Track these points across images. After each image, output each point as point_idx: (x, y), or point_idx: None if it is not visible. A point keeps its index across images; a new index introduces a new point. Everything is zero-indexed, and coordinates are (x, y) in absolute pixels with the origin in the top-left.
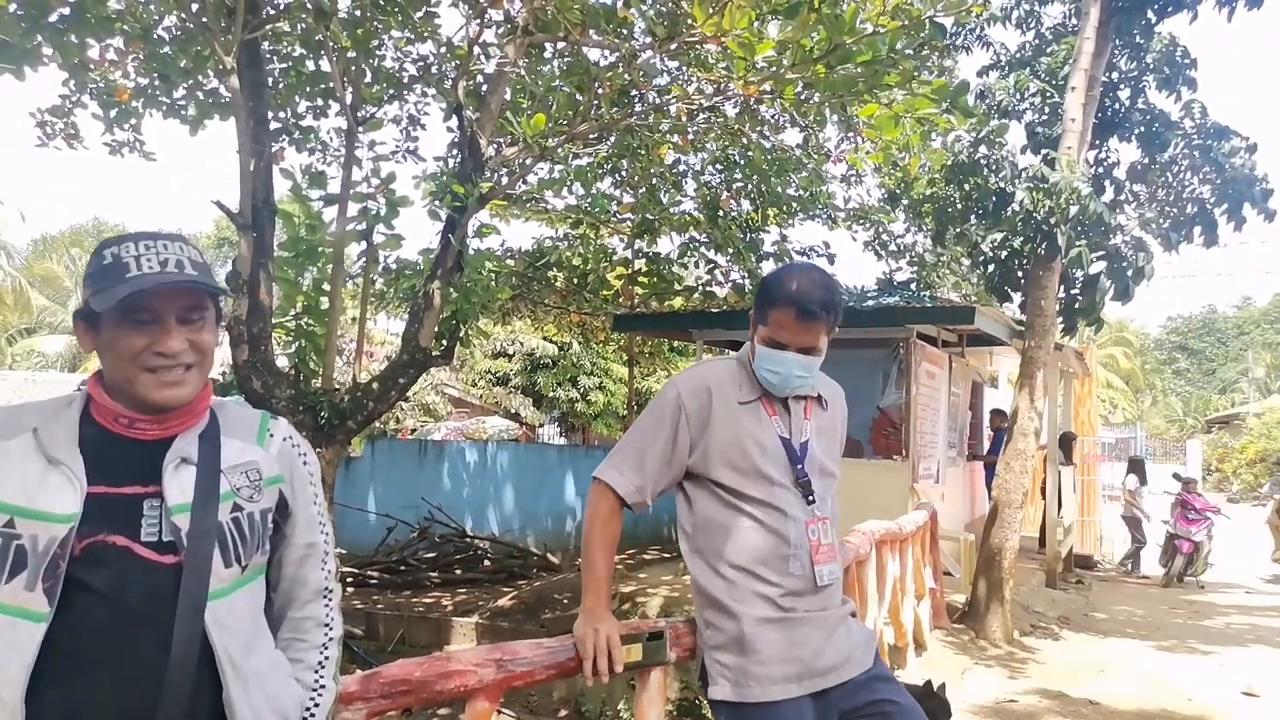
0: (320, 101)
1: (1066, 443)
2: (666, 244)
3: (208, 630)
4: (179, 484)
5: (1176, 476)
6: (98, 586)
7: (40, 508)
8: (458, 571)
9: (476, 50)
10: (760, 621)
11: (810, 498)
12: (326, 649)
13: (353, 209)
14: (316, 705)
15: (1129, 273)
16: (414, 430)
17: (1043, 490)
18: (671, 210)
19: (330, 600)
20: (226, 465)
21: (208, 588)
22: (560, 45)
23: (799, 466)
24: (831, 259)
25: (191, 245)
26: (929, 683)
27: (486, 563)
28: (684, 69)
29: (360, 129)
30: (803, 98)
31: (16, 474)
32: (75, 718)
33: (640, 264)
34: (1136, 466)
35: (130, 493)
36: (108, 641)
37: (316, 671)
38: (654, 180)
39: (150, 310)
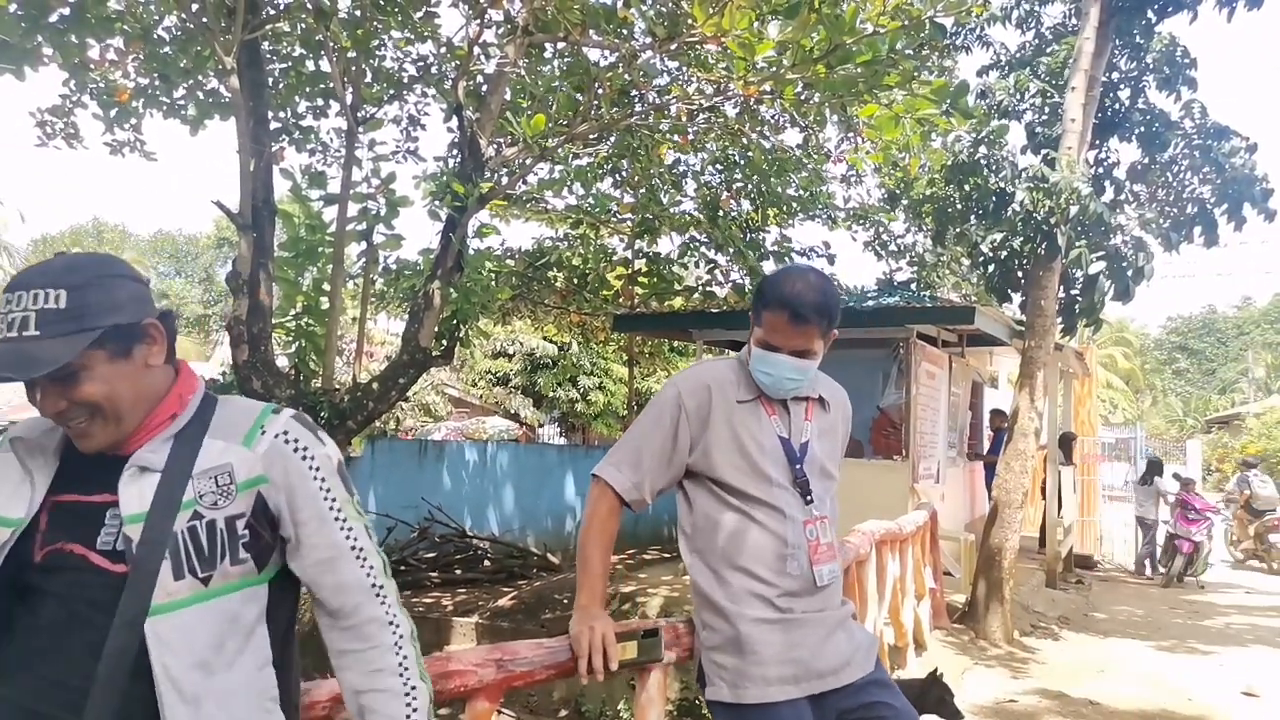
0: (320, 101)
1: (1066, 443)
2: (666, 244)
3: (147, 644)
4: (137, 492)
5: (1176, 477)
6: (54, 592)
7: None
8: (458, 571)
9: (476, 50)
10: (757, 622)
11: (809, 497)
12: (401, 647)
13: (353, 209)
14: (414, 709)
15: (1129, 273)
16: (414, 430)
17: (1043, 490)
18: (671, 210)
19: (386, 597)
20: (198, 470)
21: (149, 601)
22: (560, 45)
23: (798, 466)
24: (831, 259)
25: (60, 285)
26: (932, 672)
27: (486, 563)
28: (684, 69)
29: (360, 129)
30: (803, 98)
31: None
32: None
33: (640, 264)
34: (1157, 467)
35: (99, 501)
36: (51, 645)
37: (401, 675)
38: (654, 180)
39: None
